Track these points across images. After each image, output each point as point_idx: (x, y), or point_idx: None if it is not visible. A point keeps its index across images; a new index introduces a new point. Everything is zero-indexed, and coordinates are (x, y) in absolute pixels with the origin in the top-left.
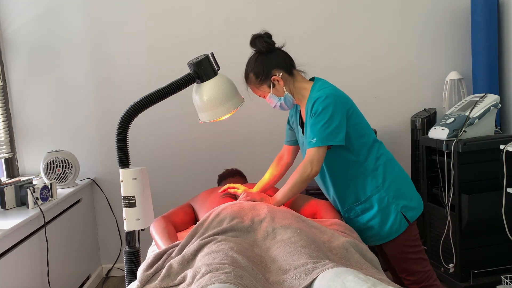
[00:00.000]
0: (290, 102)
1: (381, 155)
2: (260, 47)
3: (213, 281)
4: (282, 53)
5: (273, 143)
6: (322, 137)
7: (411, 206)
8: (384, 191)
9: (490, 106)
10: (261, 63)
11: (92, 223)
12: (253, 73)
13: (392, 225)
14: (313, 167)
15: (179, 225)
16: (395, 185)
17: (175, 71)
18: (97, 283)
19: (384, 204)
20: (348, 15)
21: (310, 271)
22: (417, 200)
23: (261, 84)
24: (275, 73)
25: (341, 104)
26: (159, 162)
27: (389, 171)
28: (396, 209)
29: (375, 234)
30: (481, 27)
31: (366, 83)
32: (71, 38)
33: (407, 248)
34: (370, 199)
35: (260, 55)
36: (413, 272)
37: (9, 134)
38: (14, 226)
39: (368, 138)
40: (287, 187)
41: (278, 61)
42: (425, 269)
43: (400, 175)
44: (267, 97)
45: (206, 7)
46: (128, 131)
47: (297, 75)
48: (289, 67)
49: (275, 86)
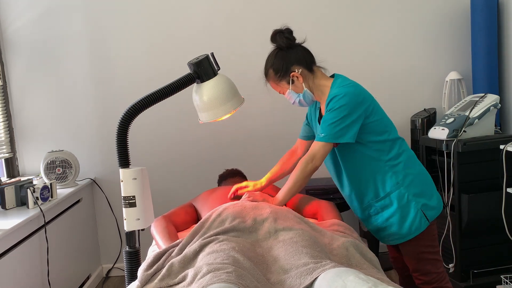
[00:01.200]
0: (309, 98)
1: (403, 152)
2: (280, 42)
3: (214, 280)
4: (302, 49)
5: (273, 143)
6: (330, 134)
7: (431, 205)
8: (404, 188)
9: (490, 106)
10: (280, 59)
11: (92, 223)
12: (272, 69)
13: (412, 223)
14: (314, 162)
15: (179, 225)
16: (416, 182)
17: (175, 71)
18: (97, 283)
19: (404, 202)
20: (348, 15)
21: (311, 271)
22: (437, 199)
23: (280, 80)
24: (295, 69)
25: (357, 104)
26: (159, 162)
27: (410, 168)
28: (416, 207)
29: (394, 233)
30: (481, 27)
31: (366, 83)
32: (71, 38)
33: (425, 248)
34: (390, 196)
35: (280, 50)
36: (427, 272)
37: (9, 134)
38: (14, 226)
39: (389, 135)
40: (289, 185)
41: (298, 57)
42: (438, 271)
43: (421, 173)
44: (286, 93)
45: (206, 7)
46: (128, 131)
47: (317, 72)
48: (309, 64)
49: (294, 82)
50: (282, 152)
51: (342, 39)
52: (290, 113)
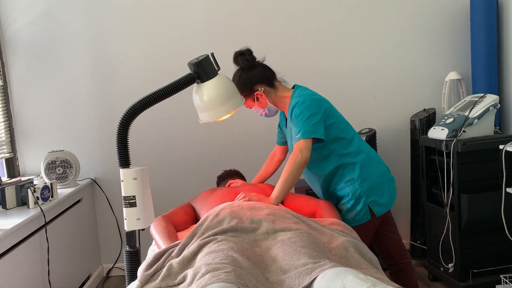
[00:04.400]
0: (273, 111)
1: (360, 152)
2: (242, 64)
3: (213, 280)
4: (263, 67)
5: (272, 144)
6: (306, 130)
7: (379, 202)
8: (358, 184)
9: (489, 106)
10: (244, 80)
11: (92, 223)
12: (238, 88)
13: (357, 214)
14: (303, 154)
15: (179, 224)
16: (369, 180)
17: (175, 71)
18: (98, 283)
19: (356, 195)
20: (348, 15)
21: (310, 271)
22: (389, 198)
23: (246, 98)
24: (258, 88)
25: (317, 106)
26: (160, 162)
27: (366, 167)
28: (365, 202)
29: (343, 215)
30: (480, 27)
31: (366, 84)
32: (72, 39)
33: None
34: (345, 188)
35: (243, 71)
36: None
37: (10, 134)
38: (15, 226)
39: (346, 134)
40: (282, 180)
41: (259, 76)
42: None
43: (377, 172)
44: (253, 108)
45: (206, 7)
46: (129, 131)
47: (278, 86)
48: (270, 80)
49: (258, 99)
50: None
51: (341, 39)
52: None
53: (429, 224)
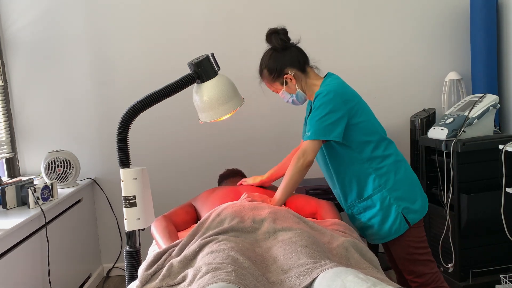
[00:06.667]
0: (302, 98)
1: (388, 155)
2: (275, 43)
3: (214, 280)
4: (297, 50)
5: (273, 143)
6: (316, 131)
7: (413, 209)
8: (387, 191)
9: (489, 106)
10: (275, 60)
11: (92, 222)
12: (267, 69)
13: (391, 225)
14: (306, 157)
15: (179, 224)
16: (398, 186)
17: (175, 72)
18: (98, 283)
19: (385, 204)
20: (348, 15)
21: (310, 271)
22: (421, 204)
23: (274, 81)
24: (288, 71)
25: (341, 102)
26: (160, 162)
27: (395, 172)
28: (397, 210)
29: (374, 233)
30: (480, 27)
31: (366, 84)
32: (72, 39)
33: (414, 250)
34: (372, 198)
35: (274, 51)
36: (420, 274)
37: (10, 134)
38: (15, 225)
39: (374, 137)
40: (284, 182)
41: (292, 59)
42: (432, 271)
43: (406, 177)
44: (280, 93)
45: (206, 7)
46: (129, 131)
47: (310, 72)
48: (302, 65)
49: (287, 83)
50: (282, 152)
51: (341, 39)
52: (290, 113)
53: (429, 224)
